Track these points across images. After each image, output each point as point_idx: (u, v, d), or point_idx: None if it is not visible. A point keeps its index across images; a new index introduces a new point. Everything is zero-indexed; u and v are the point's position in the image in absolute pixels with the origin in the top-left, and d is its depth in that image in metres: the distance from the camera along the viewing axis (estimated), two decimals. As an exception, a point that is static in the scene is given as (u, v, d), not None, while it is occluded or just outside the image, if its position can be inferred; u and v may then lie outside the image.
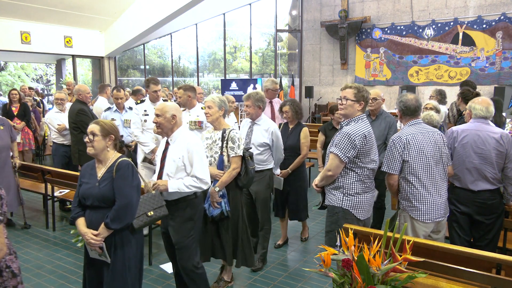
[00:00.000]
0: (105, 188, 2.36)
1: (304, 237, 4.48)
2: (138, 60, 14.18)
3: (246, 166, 3.16)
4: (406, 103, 2.91)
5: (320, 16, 12.31)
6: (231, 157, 3.10)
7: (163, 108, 2.77)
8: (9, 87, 12.48)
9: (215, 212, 3.09)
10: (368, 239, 2.37)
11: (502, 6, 9.64)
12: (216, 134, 3.21)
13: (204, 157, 2.81)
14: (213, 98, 3.20)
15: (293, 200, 4.12)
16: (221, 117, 3.21)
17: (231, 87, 11.74)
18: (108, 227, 2.32)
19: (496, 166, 3.00)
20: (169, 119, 2.76)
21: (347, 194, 2.78)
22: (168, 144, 2.83)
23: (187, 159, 2.73)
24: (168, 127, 2.78)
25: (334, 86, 12.40)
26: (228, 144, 3.11)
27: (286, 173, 4.02)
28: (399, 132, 2.93)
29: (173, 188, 2.69)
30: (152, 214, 2.54)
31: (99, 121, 2.48)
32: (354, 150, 2.68)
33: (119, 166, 2.38)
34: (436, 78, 10.63)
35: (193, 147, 2.74)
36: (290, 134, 4.10)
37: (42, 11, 10.02)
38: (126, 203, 2.34)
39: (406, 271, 2.08)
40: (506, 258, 2.24)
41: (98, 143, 2.40)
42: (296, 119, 4.13)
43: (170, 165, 2.76)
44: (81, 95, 5.10)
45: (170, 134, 2.81)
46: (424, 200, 2.80)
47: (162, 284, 3.48)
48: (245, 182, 3.19)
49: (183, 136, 2.81)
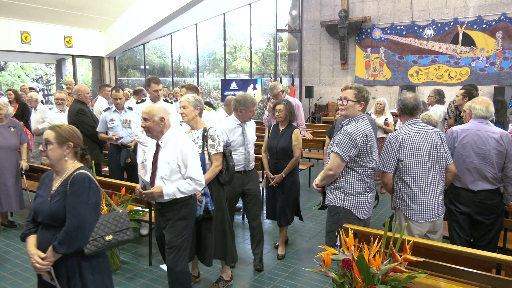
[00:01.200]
0: (57, 204, 2.05)
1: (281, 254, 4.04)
2: (138, 60, 14.18)
3: (227, 163, 3.17)
4: (404, 102, 2.92)
5: (320, 16, 12.31)
6: (212, 154, 3.10)
7: (151, 112, 2.68)
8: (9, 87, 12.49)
9: (199, 212, 3.06)
10: (368, 239, 2.38)
11: (502, 6, 9.64)
12: (193, 133, 3.18)
13: (197, 158, 2.76)
14: (188, 98, 3.16)
15: (284, 205, 3.96)
16: (197, 116, 3.19)
17: (231, 87, 11.75)
18: (56, 251, 2.00)
19: (496, 166, 3.00)
20: (157, 122, 2.68)
21: (348, 194, 2.78)
22: (159, 147, 2.76)
23: (181, 160, 2.68)
24: (157, 130, 2.71)
25: (334, 86, 12.40)
26: (207, 142, 3.10)
27: (280, 177, 3.89)
28: (396, 131, 2.94)
29: (169, 195, 2.65)
30: (110, 238, 2.18)
31: (55, 127, 2.16)
32: (356, 149, 2.69)
33: (74, 180, 2.06)
34: (436, 78, 10.63)
35: (186, 147, 2.68)
36: (282, 136, 3.94)
37: (42, 11, 10.02)
38: (78, 225, 2.01)
39: (406, 271, 2.08)
40: (506, 258, 2.24)
41: (53, 152, 2.10)
42: (288, 121, 3.98)
43: (164, 167, 2.70)
44: (81, 95, 5.10)
45: (160, 137, 2.75)
46: (418, 200, 2.80)
47: (162, 284, 3.48)
48: (227, 179, 3.20)
49: (175, 138, 2.75)
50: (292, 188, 3.97)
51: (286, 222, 4.01)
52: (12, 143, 4.51)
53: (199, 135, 3.14)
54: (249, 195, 3.71)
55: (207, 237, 3.15)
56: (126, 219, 2.31)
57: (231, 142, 3.64)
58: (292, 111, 3.96)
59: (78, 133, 2.21)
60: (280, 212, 3.96)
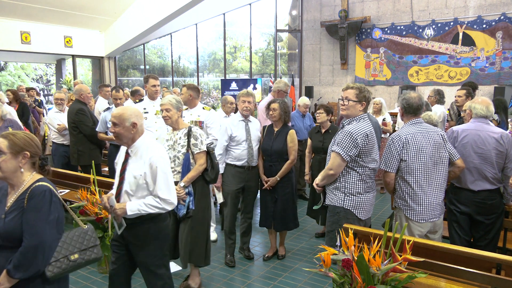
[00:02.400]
0: (12, 222, 1.81)
1: (281, 254, 4.03)
2: (138, 60, 14.18)
3: (212, 160, 3.15)
4: (408, 101, 2.88)
5: (320, 16, 12.31)
6: (196, 153, 3.08)
7: (121, 116, 2.37)
8: (9, 87, 12.49)
9: (182, 211, 3.04)
10: (368, 239, 2.37)
11: (502, 6, 9.63)
12: (176, 134, 3.16)
13: (169, 173, 2.46)
14: (170, 101, 3.10)
15: (280, 209, 3.78)
16: (179, 117, 3.18)
17: (231, 87, 11.73)
18: (11, 275, 1.77)
19: (496, 166, 3.00)
20: (128, 128, 2.38)
21: (348, 194, 2.78)
22: (128, 155, 2.46)
23: (150, 176, 2.37)
24: (128, 137, 2.41)
25: (334, 86, 12.40)
26: (190, 141, 3.09)
27: (274, 180, 3.73)
28: (399, 131, 2.91)
29: (133, 211, 2.35)
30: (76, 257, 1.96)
31: (8, 134, 1.91)
32: (356, 149, 2.68)
33: (32, 193, 1.83)
34: (436, 78, 10.63)
35: (157, 162, 2.37)
36: (276, 138, 3.74)
37: (42, 11, 10.02)
38: (36, 244, 1.79)
39: (406, 271, 2.08)
40: (506, 258, 2.24)
41: (7, 163, 1.86)
42: (283, 121, 3.78)
43: (130, 181, 2.40)
44: (83, 95, 5.11)
45: (130, 144, 2.44)
46: (420, 201, 2.80)
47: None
48: (212, 176, 3.17)
49: (146, 148, 2.43)
50: (289, 191, 3.83)
51: (285, 227, 3.88)
52: None
53: (182, 135, 3.12)
54: (248, 191, 3.86)
55: (185, 236, 3.13)
56: (92, 235, 2.11)
57: (235, 137, 3.77)
58: (288, 111, 3.78)
59: (35, 141, 1.97)
60: (282, 217, 3.80)
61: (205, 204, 3.22)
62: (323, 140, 4.35)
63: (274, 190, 3.79)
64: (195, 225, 3.14)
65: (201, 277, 3.58)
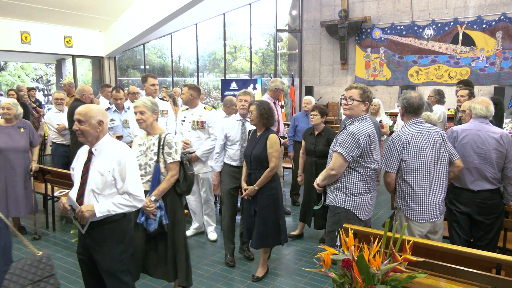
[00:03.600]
0: None
1: (257, 276, 3.52)
2: (138, 60, 14.18)
3: (185, 171, 2.93)
4: (409, 100, 2.86)
5: (320, 16, 12.31)
6: (168, 163, 2.86)
7: (88, 113, 2.30)
8: (9, 87, 12.49)
9: (153, 226, 2.82)
10: (368, 239, 2.37)
11: (502, 6, 9.64)
12: (149, 139, 2.95)
13: (137, 170, 2.43)
14: (144, 103, 2.91)
15: (260, 223, 3.36)
16: (154, 121, 2.97)
17: (231, 87, 11.74)
18: None
19: (496, 166, 3.00)
20: (94, 125, 2.31)
21: (349, 195, 2.78)
22: (92, 155, 2.37)
23: (118, 172, 2.31)
24: (93, 135, 2.33)
25: (334, 86, 12.40)
26: (164, 149, 2.87)
27: (252, 190, 3.34)
28: (399, 131, 2.90)
29: (102, 212, 2.26)
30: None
31: None
32: (358, 150, 2.68)
33: None
34: (436, 78, 10.63)
35: (125, 158, 2.33)
36: (257, 143, 3.41)
37: (42, 11, 10.02)
38: None
39: (406, 271, 2.08)
40: (506, 258, 2.24)
41: None
42: (263, 125, 3.40)
43: (96, 179, 2.31)
44: (85, 95, 5.11)
45: (94, 143, 2.37)
46: (420, 201, 2.79)
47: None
48: (184, 189, 2.96)
49: (111, 145, 2.37)
50: (271, 203, 3.37)
51: (264, 244, 3.43)
52: (20, 145, 4.33)
53: (155, 141, 2.91)
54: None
55: (162, 252, 2.92)
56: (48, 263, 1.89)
57: (229, 137, 3.76)
58: (269, 114, 3.37)
59: None
60: (260, 232, 3.37)
61: (180, 217, 3.00)
62: (315, 142, 4.20)
63: (253, 201, 3.41)
64: (172, 240, 2.94)
65: (201, 277, 3.58)
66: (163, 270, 2.94)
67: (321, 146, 4.14)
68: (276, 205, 3.41)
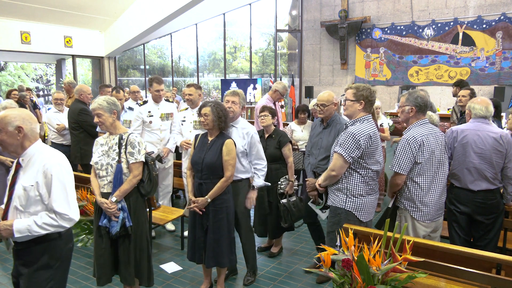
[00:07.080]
0: None
1: None
2: (138, 60, 14.18)
3: (149, 172, 2.84)
4: (424, 99, 2.77)
5: (320, 16, 12.31)
6: (131, 163, 2.74)
7: (2, 119, 1.99)
8: (9, 87, 12.49)
9: (115, 228, 2.72)
10: (368, 239, 2.37)
11: (502, 6, 9.63)
12: (112, 139, 2.83)
13: (68, 183, 2.08)
14: (100, 104, 2.74)
15: (212, 240, 3.04)
16: (115, 121, 2.82)
17: (231, 87, 11.73)
18: None
19: (495, 166, 3.00)
20: (12, 133, 2.00)
21: (350, 196, 2.77)
22: (19, 166, 2.07)
23: (43, 186, 2.00)
24: (14, 145, 2.02)
25: (334, 86, 12.40)
26: (127, 149, 2.76)
27: (204, 202, 3.00)
28: (411, 131, 2.77)
29: (22, 232, 1.96)
30: None
31: None
32: (359, 151, 2.67)
33: None
34: (436, 78, 10.63)
35: (52, 169, 2.00)
36: (209, 149, 3.04)
37: (42, 11, 10.02)
38: None
39: (406, 271, 2.08)
40: (506, 258, 2.24)
41: None
42: (218, 128, 3.07)
43: (19, 194, 2.02)
44: (83, 95, 5.10)
45: (21, 152, 2.06)
46: (429, 202, 2.78)
47: (162, 284, 3.47)
48: (149, 189, 2.86)
49: (40, 155, 2.05)
50: (224, 217, 3.07)
51: (217, 263, 3.10)
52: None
53: (117, 141, 2.80)
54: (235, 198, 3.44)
55: (125, 255, 2.80)
56: None
57: None
58: (222, 116, 3.03)
59: None
60: (213, 250, 3.05)
61: (143, 218, 2.91)
62: (265, 146, 3.71)
63: (204, 215, 3.05)
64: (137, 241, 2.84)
65: (201, 277, 3.57)
66: (123, 274, 2.82)
67: (272, 149, 3.75)
68: (230, 219, 3.13)
